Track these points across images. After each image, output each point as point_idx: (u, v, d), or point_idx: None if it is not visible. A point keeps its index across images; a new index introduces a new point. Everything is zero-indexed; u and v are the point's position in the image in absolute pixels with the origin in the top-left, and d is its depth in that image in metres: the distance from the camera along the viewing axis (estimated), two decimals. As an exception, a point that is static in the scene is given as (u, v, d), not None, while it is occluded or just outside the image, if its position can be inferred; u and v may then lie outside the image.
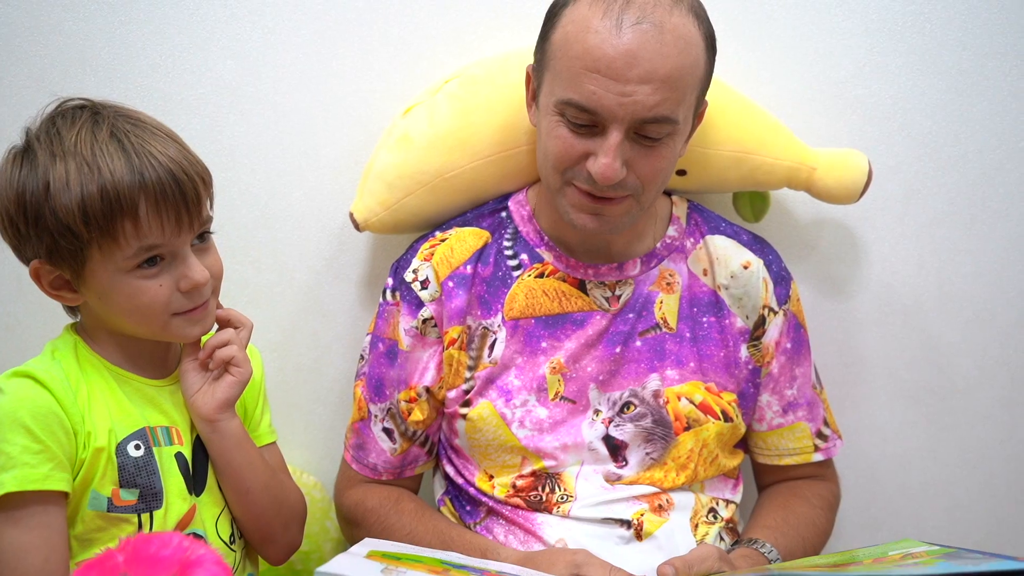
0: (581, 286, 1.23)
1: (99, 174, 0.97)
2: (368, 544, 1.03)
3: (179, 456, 1.06)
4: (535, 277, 1.24)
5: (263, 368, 1.21)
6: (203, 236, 1.05)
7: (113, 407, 1.03)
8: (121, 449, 1.02)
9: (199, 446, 1.09)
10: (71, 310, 1.09)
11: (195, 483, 1.08)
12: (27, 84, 1.35)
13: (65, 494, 0.99)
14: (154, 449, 1.04)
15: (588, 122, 1.10)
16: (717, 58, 1.17)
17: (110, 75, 1.35)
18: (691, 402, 1.22)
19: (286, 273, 1.42)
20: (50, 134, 1.01)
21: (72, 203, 0.97)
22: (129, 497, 1.02)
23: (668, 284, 1.24)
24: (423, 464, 1.31)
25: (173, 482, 1.05)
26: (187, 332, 1.06)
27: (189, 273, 1.02)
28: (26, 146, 1.02)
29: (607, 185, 1.11)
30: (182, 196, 1.00)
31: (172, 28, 1.36)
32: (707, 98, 1.19)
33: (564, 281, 1.23)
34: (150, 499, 1.03)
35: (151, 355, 1.09)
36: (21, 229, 1.01)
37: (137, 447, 1.03)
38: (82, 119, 1.01)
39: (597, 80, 1.08)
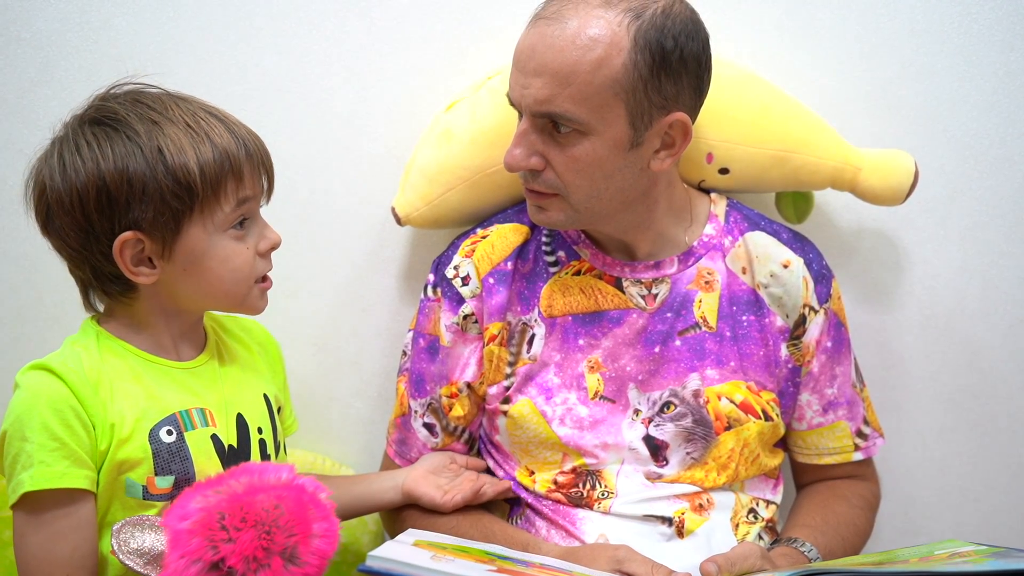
0: (617, 284, 1.23)
1: (208, 138, 1.03)
2: (413, 534, 1.03)
3: (215, 438, 1.07)
4: (572, 275, 1.24)
5: (283, 360, 1.24)
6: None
7: (141, 394, 1.04)
8: (154, 435, 1.03)
9: (242, 426, 1.10)
10: (96, 301, 1.09)
11: (237, 462, 1.08)
12: (77, 78, 1.37)
13: (87, 491, 1.00)
14: (185, 434, 1.05)
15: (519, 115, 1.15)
16: (762, 57, 1.16)
17: (158, 70, 1.35)
18: (732, 401, 1.22)
19: (327, 267, 1.43)
20: (138, 109, 1.03)
21: (190, 163, 1.01)
22: (164, 484, 1.03)
23: (707, 283, 1.24)
24: (464, 459, 1.31)
25: (209, 464, 1.05)
26: (259, 304, 1.11)
27: (268, 234, 1.09)
28: (106, 122, 1.03)
29: (515, 172, 1.16)
30: (268, 161, 1.09)
31: (218, 24, 1.37)
32: (752, 96, 1.18)
33: (600, 279, 1.24)
34: (184, 486, 1.03)
35: (186, 336, 1.10)
36: (114, 203, 1.00)
37: (169, 432, 1.04)
38: (167, 97, 1.06)
39: (512, 73, 1.14)
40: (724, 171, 1.31)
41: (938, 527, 1.49)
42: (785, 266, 1.25)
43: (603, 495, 1.20)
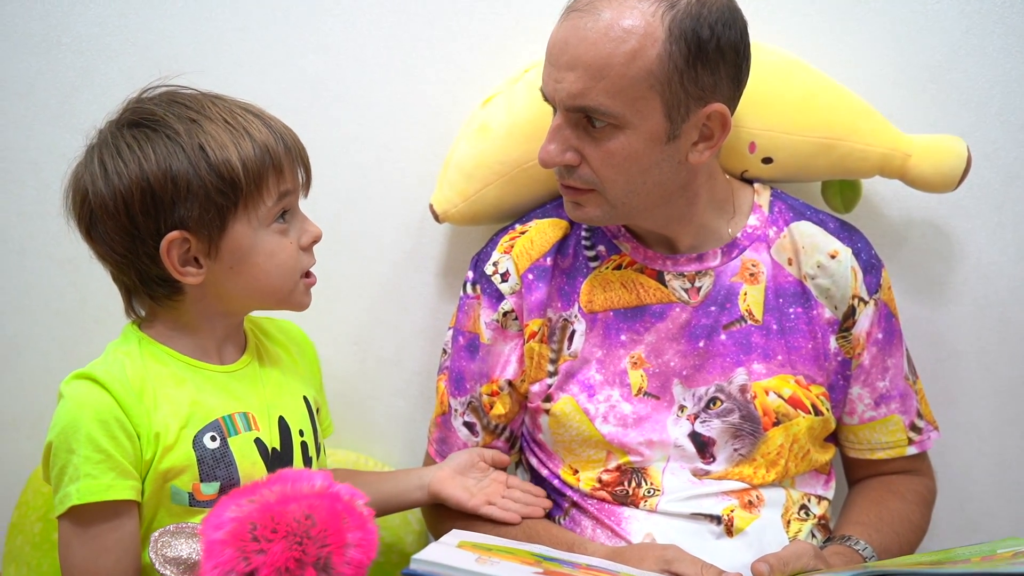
0: (659, 277, 1.21)
1: (247, 133, 1.04)
2: (457, 535, 1.02)
3: (258, 441, 1.07)
4: (612, 269, 1.22)
5: (319, 361, 1.23)
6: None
7: (184, 400, 1.04)
8: (198, 442, 1.03)
9: (284, 428, 1.10)
10: (139, 306, 1.09)
11: (282, 466, 1.08)
12: (117, 82, 1.38)
13: (132, 501, 1.01)
14: (229, 439, 1.05)
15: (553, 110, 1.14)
16: (805, 41, 1.13)
17: (197, 70, 1.37)
18: (780, 396, 1.19)
19: (366, 265, 1.43)
20: (175, 109, 1.04)
21: (233, 158, 1.02)
22: (210, 491, 1.03)
23: (752, 275, 1.21)
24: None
25: (253, 469, 1.05)
26: (304, 300, 1.11)
27: (308, 227, 1.10)
28: (144, 124, 1.03)
29: (549, 168, 1.14)
30: (304, 154, 1.10)
31: (255, 24, 1.38)
32: (795, 83, 1.16)
33: (642, 272, 1.21)
34: (229, 491, 1.03)
35: (228, 339, 1.10)
36: (159, 204, 1.01)
37: (213, 439, 1.04)
38: (202, 96, 1.07)
39: (546, 67, 1.13)
40: (767, 160, 1.28)
41: (996, 524, 1.45)
42: (833, 256, 1.22)
43: (649, 493, 1.18)
